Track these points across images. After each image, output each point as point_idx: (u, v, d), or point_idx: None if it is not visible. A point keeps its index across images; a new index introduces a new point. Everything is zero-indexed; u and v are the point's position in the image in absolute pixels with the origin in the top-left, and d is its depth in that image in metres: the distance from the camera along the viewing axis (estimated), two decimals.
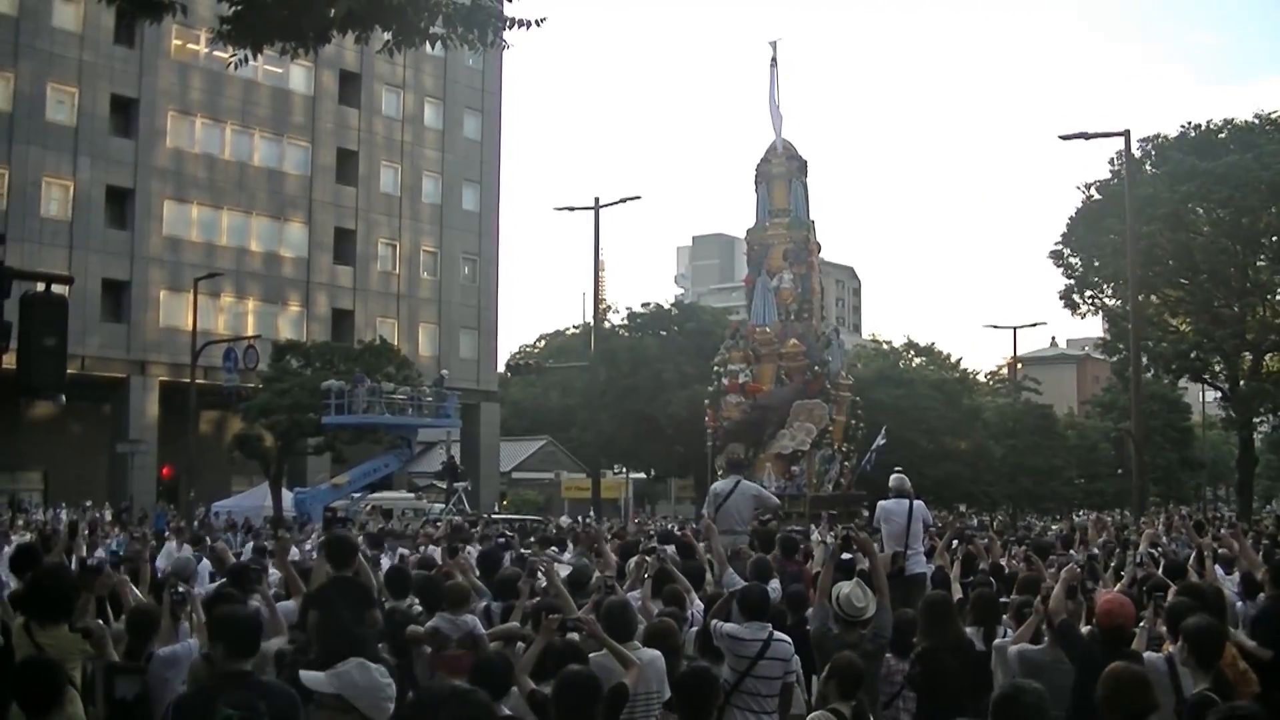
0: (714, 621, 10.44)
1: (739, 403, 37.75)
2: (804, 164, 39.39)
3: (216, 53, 60.86)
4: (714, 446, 38.54)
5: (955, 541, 17.61)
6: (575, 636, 8.95)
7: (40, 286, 12.15)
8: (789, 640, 10.29)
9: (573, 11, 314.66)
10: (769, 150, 39.38)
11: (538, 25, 13.05)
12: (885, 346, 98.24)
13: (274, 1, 12.60)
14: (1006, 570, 16.35)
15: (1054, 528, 42.03)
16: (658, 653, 9.15)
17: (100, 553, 23.72)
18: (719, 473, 38.46)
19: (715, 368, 39.52)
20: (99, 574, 11.24)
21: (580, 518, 49.20)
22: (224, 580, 12.50)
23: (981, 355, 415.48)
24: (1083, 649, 9.20)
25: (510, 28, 12.99)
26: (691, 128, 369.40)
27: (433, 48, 13.01)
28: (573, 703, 7.31)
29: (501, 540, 22.12)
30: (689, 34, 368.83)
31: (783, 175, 38.94)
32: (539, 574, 11.46)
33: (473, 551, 17.65)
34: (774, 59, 39.83)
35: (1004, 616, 11.60)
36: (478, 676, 7.32)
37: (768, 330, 38.03)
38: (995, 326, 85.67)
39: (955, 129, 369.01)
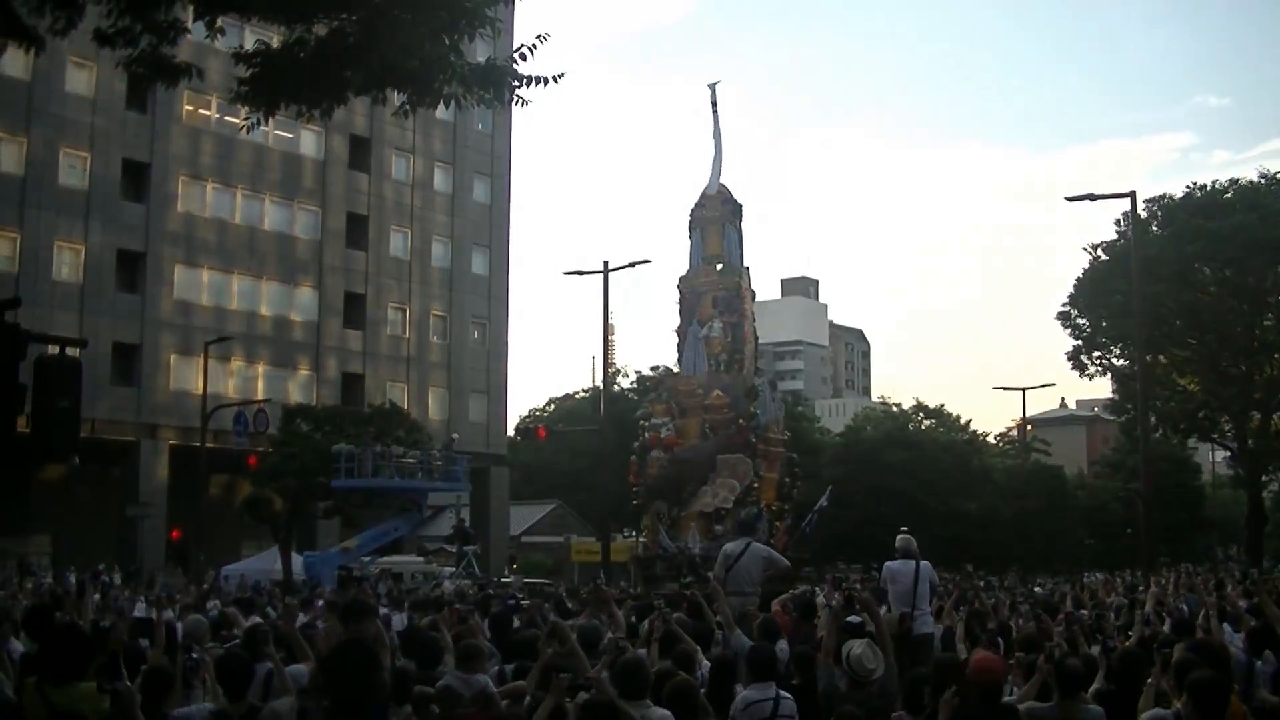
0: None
1: (659, 458, 35.82)
2: (738, 208, 37.91)
3: (228, 117, 61.47)
4: (638, 505, 37.29)
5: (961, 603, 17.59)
6: (582, 695, 8.99)
7: (53, 349, 12.25)
8: (792, 698, 10.36)
9: (582, 76, 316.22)
10: (703, 195, 37.86)
11: (554, 81, 13.13)
12: (894, 408, 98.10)
13: (290, 64, 12.76)
14: (1014, 630, 16.31)
15: (1037, 589, 41.11)
16: (668, 713, 9.18)
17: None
18: (641, 534, 37.20)
19: (640, 422, 37.87)
20: (110, 635, 11.34)
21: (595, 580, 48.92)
22: (235, 643, 12.55)
23: (991, 417, 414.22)
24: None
25: (525, 85, 13.10)
26: (698, 192, 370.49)
27: (447, 108, 13.12)
28: None
29: (511, 603, 22.12)
30: (698, 99, 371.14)
31: (716, 220, 37.43)
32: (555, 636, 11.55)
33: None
34: (714, 101, 38.73)
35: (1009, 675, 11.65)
36: None
37: (692, 381, 36.28)
38: (1004, 388, 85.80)
39: (963, 191, 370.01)
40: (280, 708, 9.23)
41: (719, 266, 36.83)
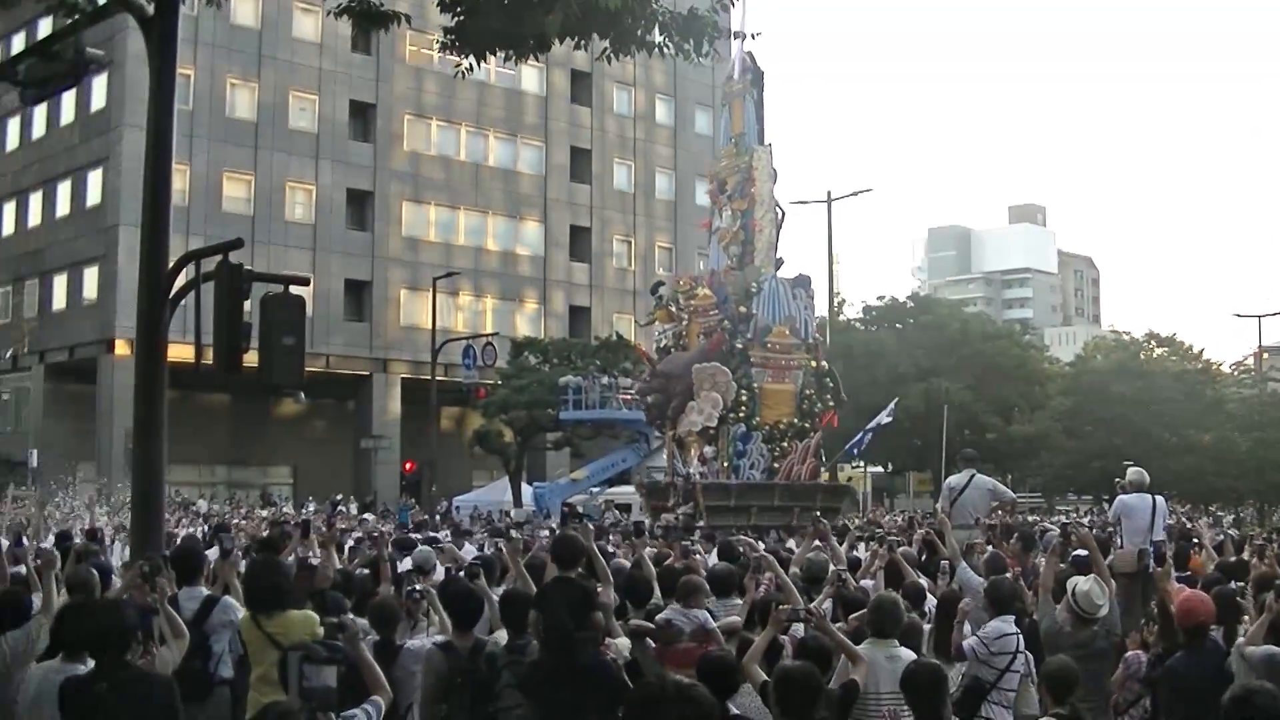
0: (973, 641, 10.17)
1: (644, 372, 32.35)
2: (759, 76, 32.34)
3: (450, 56, 62.01)
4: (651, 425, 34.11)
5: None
6: (800, 629, 8.98)
7: (278, 288, 12.57)
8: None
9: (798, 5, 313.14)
10: (731, 69, 33.00)
11: (753, 39, 13.14)
12: (1125, 337, 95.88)
13: (494, 11, 12.84)
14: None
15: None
16: (912, 653, 9.10)
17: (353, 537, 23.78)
18: (654, 479, 33.42)
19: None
20: (314, 572, 11.70)
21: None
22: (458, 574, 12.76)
23: (1228, 345, 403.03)
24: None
25: (727, 39, 13.07)
26: (928, 118, 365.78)
27: (650, 55, 13.11)
28: (793, 698, 7.22)
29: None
30: (935, 25, 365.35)
31: (740, 94, 32.49)
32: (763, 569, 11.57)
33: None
34: None
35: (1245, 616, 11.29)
36: (704, 673, 7.31)
37: (690, 280, 32.22)
38: (1241, 315, 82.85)
39: (1196, 109, 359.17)
40: (498, 639, 9.37)
41: (734, 147, 32.14)
